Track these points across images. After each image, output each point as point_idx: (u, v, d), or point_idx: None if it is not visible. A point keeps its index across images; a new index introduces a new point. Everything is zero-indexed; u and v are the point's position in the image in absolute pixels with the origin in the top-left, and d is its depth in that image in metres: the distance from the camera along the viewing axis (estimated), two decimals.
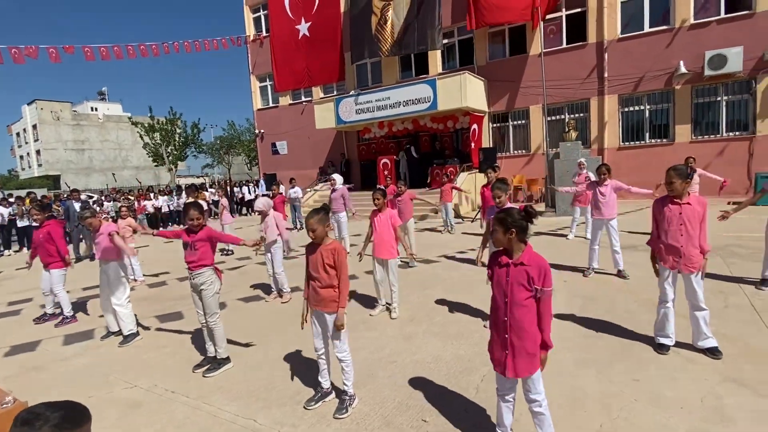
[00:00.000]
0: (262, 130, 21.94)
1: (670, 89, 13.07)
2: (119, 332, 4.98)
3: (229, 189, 20.14)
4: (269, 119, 21.61)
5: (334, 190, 8.73)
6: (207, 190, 18.33)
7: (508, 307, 2.37)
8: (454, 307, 5.23)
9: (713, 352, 3.53)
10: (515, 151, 15.82)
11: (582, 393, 3.16)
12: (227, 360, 4.04)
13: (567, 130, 12.51)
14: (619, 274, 5.94)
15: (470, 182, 13.80)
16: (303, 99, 20.24)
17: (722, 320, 4.16)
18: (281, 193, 11.41)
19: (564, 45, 14.46)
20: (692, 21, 12.54)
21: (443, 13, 15.46)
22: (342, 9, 18.18)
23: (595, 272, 6.17)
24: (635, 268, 6.02)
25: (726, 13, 12.21)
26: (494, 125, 16.08)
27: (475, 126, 14.87)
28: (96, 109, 52.56)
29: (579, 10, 14.06)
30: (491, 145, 15.62)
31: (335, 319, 3.13)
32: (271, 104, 21.68)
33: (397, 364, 3.87)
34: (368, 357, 4.04)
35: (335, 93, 18.83)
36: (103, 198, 17.15)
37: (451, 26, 16.07)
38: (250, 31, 21.53)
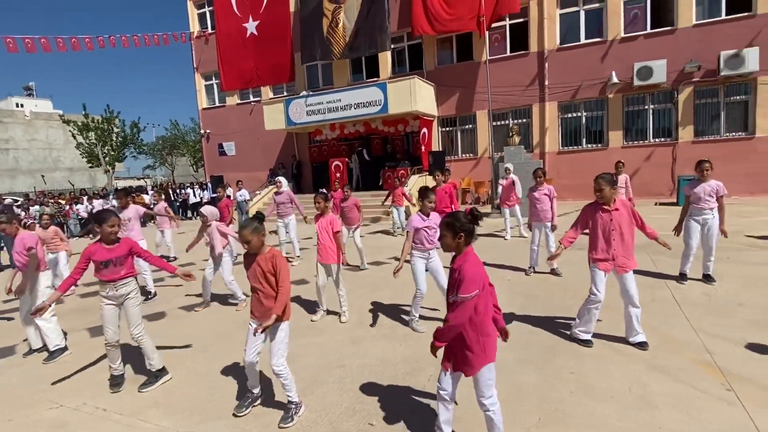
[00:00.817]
0: (208, 131, 21.13)
1: (604, 98, 13.97)
2: (44, 348, 4.60)
3: (171, 191, 19.15)
4: (216, 119, 20.85)
5: (278, 194, 8.48)
6: (147, 193, 17.39)
7: (450, 309, 2.44)
8: (403, 309, 5.27)
9: (642, 346, 3.80)
10: (463, 155, 16.26)
11: (521, 389, 3.29)
12: (164, 372, 3.83)
13: (511, 134, 13.03)
14: (553, 272, 6.27)
15: (420, 184, 13.99)
16: (252, 99, 19.71)
17: (649, 313, 4.48)
18: (228, 196, 11.01)
19: (508, 53, 15.07)
20: (622, 34, 13.49)
21: (392, 18, 15.66)
22: (291, 9, 17.90)
23: (535, 271, 6.46)
24: (570, 265, 6.37)
25: (652, 28, 13.24)
26: (443, 129, 16.46)
27: (425, 130, 15.13)
28: (22, 106, 48.35)
29: (522, 20, 14.70)
30: (440, 149, 15.96)
31: (264, 320, 2.96)
32: (217, 104, 20.94)
33: (345, 368, 3.85)
34: (315, 363, 3.99)
35: (285, 93, 18.51)
36: (28, 202, 15.76)
37: (401, 31, 16.28)
38: (195, 27, 20.69)
